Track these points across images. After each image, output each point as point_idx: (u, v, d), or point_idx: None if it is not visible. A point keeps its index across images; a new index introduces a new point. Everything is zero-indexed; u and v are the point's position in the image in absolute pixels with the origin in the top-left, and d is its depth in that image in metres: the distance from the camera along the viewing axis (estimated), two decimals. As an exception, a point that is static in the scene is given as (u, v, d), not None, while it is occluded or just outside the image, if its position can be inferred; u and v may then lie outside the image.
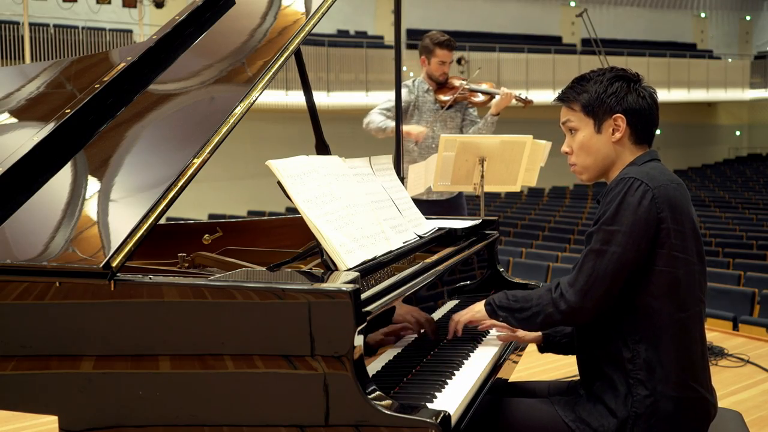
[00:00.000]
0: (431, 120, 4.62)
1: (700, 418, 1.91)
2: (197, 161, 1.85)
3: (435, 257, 2.22)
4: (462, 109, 4.71)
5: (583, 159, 2.02)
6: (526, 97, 4.89)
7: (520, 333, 2.20)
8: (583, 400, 1.97)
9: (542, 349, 2.28)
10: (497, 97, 4.60)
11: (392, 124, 4.43)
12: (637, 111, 1.96)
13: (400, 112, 3.77)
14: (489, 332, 2.27)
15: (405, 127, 4.44)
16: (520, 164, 4.34)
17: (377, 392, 1.57)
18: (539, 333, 2.23)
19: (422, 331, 2.06)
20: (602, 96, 1.96)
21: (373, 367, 1.75)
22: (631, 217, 1.83)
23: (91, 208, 1.89)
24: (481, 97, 4.65)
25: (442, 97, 4.61)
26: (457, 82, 4.67)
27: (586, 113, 1.99)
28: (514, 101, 4.81)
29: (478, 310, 2.10)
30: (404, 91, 4.62)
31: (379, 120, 4.51)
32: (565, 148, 2.06)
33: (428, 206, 4.55)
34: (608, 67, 2.06)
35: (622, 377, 1.89)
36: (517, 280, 2.79)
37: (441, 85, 4.66)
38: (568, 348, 2.21)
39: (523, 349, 2.39)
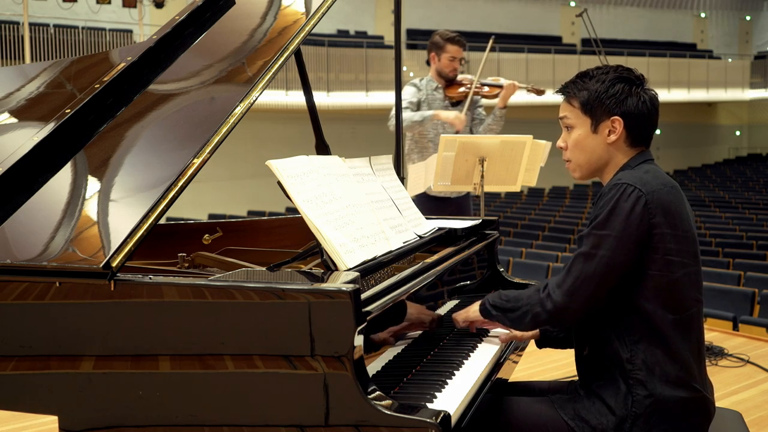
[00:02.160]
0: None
1: (701, 417, 1.92)
2: (197, 161, 1.85)
3: (435, 257, 2.22)
4: (471, 108, 4.73)
5: (577, 156, 2.02)
6: (536, 87, 4.93)
7: (518, 333, 2.21)
8: (582, 398, 1.97)
9: (539, 343, 2.31)
10: (503, 89, 4.63)
11: (429, 113, 4.51)
12: (635, 115, 1.95)
13: (399, 112, 3.77)
14: (489, 331, 2.27)
15: (443, 115, 4.49)
16: (520, 164, 4.34)
17: (377, 392, 1.57)
18: (536, 330, 2.24)
19: (425, 328, 2.07)
20: (602, 96, 1.96)
21: (373, 367, 1.75)
22: (623, 223, 1.84)
23: (91, 208, 1.89)
24: (487, 90, 4.68)
25: (452, 94, 4.62)
26: (466, 79, 4.69)
27: (584, 111, 1.99)
28: (528, 94, 4.88)
29: (474, 310, 2.14)
30: (412, 90, 4.64)
31: (415, 113, 4.53)
32: (560, 143, 2.06)
33: (438, 203, 4.57)
34: (614, 65, 2.04)
35: (621, 376, 1.89)
36: (517, 280, 2.80)
37: (450, 82, 4.68)
38: (565, 342, 2.25)
39: (523, 348, 2.39)
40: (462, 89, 4.61)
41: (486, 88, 4.68)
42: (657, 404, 1.85)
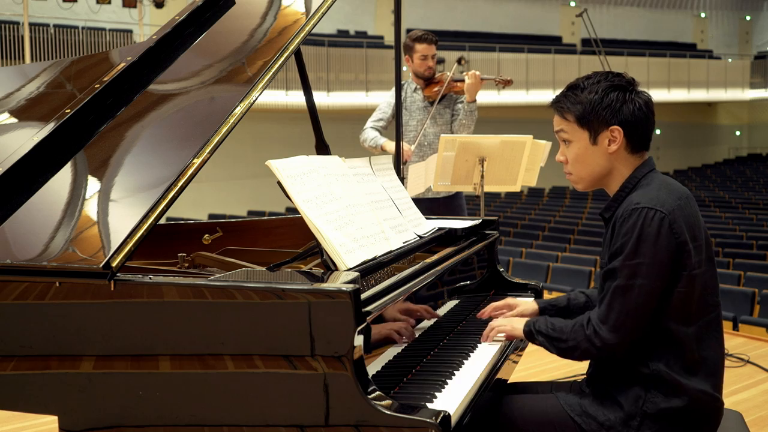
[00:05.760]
0: (421, 118, 4.64)
1: (712, 420, 1.92)
2: (197, 161, 1.85)
3: (435, 257, 2.22)
4: (450, 105, 4.70)
5: (579, 170, 2.00)
6: (503, 78, 4.80)
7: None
8: (589, 395, 1.97)
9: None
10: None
11: (382, 141, 4.56)
12: (633, 122, 1.93)
13: (400, 113, 3.77)
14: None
15: (387, 147, 4.53)
16: (520, 164, 4.34)
17: (377, 392, 1.57)
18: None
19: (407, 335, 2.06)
20: (597, 108, 1.92)
21: (373, 367, 1.75)
22: (652, 248, 1.81)
23: (91, 208, 1.89)
24: (459, 85, 4.64)
25: (430, 93, 4.62)
26: (444, 76, 4.67)
27: (580, 125, 1.95)
28: (495, 84, 4.80)
29: (517, 328, 2.08)
30: (389, 101, 4.65)
31: (371, 137, 4.61)
32: (559, 157, 2.04)
33: (428, 204, 4.55)
34: (602, 73, 2.01)
35: (637, 382, 1.88)
36: (517, 280, 2.79)
37: (428, 81, 4.68)
38: (561, 314, 2.26)
39: (523, 349, 2.38)
40: (437, 88, 4.61)
41: (458, 84, 4.66)
42: (670, 408, 1.85)
